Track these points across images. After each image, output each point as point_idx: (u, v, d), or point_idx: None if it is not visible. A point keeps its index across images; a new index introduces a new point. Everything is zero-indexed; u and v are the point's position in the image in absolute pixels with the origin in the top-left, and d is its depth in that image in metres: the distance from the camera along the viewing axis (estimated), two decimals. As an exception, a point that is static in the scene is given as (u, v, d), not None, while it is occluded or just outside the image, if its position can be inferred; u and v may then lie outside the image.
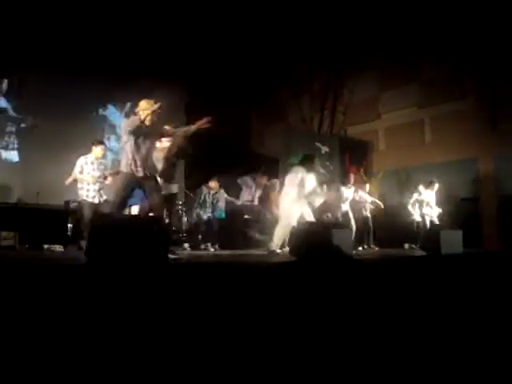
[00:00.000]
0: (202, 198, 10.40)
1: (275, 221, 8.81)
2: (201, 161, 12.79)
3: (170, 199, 6.53)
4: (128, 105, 13.27)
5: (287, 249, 8.00)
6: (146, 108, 6.15)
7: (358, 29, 14.07)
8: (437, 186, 11.56)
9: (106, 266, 4.24)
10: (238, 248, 10.22)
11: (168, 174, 7.32)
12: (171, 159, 7.56)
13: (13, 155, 12.29)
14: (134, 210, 7.66)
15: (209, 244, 10.24)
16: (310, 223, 7.49)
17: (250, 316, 2.82)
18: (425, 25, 12.87)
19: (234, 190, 11.00)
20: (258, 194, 10.97)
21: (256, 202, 10.93)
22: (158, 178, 6.59)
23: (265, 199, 10.65)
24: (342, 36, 14.50)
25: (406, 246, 11.27)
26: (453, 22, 12.36)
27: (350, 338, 2.29)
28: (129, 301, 3.02)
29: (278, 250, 8.08)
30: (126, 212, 7.10)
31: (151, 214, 6.40)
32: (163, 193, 6.51)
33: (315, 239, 5.55)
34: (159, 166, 7.05)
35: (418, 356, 1.79)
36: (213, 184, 10.45)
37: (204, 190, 10.46)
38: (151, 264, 4.37)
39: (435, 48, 12.96)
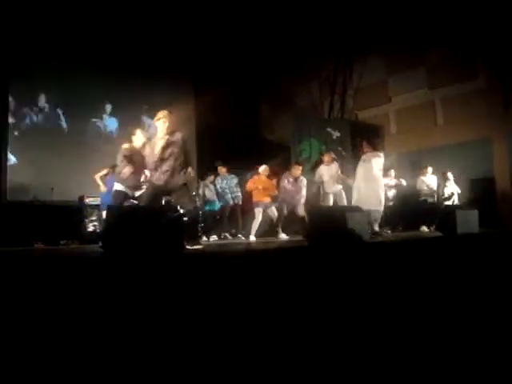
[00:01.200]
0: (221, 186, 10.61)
1: None
2: (211, 151, 12.80)
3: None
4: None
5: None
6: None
7: (365, 13, 13.95)
8: (430, 169, 11.63)
9: (121, 257, 4.27)
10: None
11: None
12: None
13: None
14: None
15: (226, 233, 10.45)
16: (324, 207, 7.49)
17: (263, 303, 2.81)
18: (434, 5, 12.72)
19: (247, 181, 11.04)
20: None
21: None
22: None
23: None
24: (350, 20, 14.39)
25: (425, 228, 11.11)
26: (462, 2, 12.20)
27: (364, 320, 2.28)
28: (143, 292, 3.03)
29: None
30: None
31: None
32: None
33: (330, 223, 5.55)
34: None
35: (435, 340, 1.77)
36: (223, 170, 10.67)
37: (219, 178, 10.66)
38: (166, 254, 4.39)
39: (444, 29, 12.81)
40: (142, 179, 7.08)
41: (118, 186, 7.03)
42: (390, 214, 11.14)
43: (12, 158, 11.86)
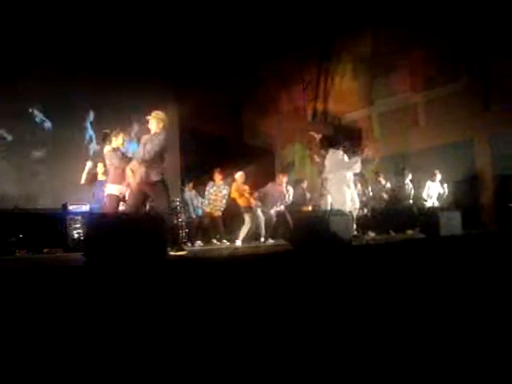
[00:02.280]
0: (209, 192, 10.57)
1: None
2: (195, 157, 12.78)
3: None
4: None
5: None
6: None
7: (347, 15, 14.01)
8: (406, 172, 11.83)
9: (104, 265, 4.24)
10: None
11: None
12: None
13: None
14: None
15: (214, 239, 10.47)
16: (308, 211, 7.50)
17: (248, 308, 2.81)
18: (415, 8, 12.81)
19: (230, 185, 11.00)
20: None
21: None
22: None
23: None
24: (331, 23, 14.44)
25: (411, 231, 11.12)
26: (443, 4, 12.30)
27: (350, 323, 2.28)
28: (127, 299, 3.01)
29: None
30: None
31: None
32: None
33: (313, 227, 5.55)
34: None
35: (419, 342, 1.78)
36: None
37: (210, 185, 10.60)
38: (149, 262, 4.37)
39: (426, 31, 12.90)
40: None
41: (110, 190, 7.00)
42: (377, 217, 11.20)
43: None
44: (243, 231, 9.53)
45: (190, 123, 13.41)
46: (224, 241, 10.62)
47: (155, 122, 6.36)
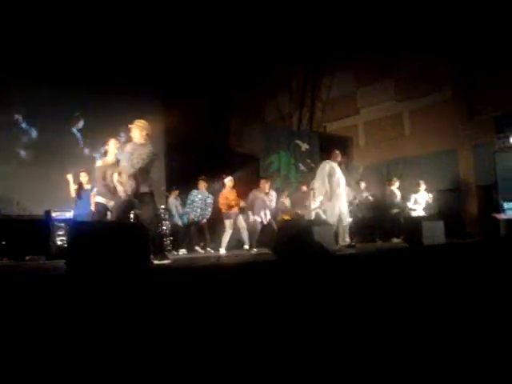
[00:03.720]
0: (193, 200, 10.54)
1: None
2: (181, 164, 12.77)
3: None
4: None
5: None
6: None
7: (332, 26, 14.10)
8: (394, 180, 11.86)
9: (86, 273, 4.21)
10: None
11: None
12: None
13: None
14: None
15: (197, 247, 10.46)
16: (291, 221, 7.52)
17: (232, 317, 2.81)
18: (399, 19, 12.93)
19: (216, 192, 10.98)
20: None
21: None
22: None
23: None
24: (318, 33, 14.53)
25: (396, 240, 11.13)
26: (426, 16, 12.43)
27: (333, 331, 2.29)
28: (109, 308, 2.99)
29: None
30: None
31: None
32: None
33: (296, 236, 5.56)
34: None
35: (402, 348, 1.79)
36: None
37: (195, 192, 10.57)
38: (131, 270, 4.35)
39: (410, 42, 13.02)
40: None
41: (98, 199, 7.04)
42: (361, 226, 11.20)
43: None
44: (225, 238, 9.51)
45: (176, 131, 13.39)
46: (208, 249, 10.61)
47: (138, 130, 6.28)
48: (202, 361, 1.71)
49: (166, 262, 6.05)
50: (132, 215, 7.58)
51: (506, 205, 10.94)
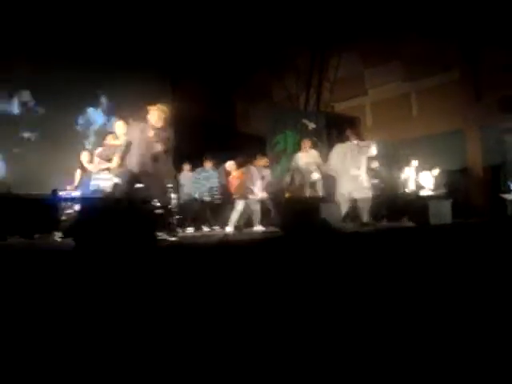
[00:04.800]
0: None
1: None
2: (188, 144, 12.75)
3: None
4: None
5: None
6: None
7: (340, 5, 13.97)
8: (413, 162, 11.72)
9: (93, 250, 4.25)
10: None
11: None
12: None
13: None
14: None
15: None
16: (298, 198, 7.55)
17: (240, 295, 2.82)
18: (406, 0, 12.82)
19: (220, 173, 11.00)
20: None
21: None
22: None
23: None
24: (325, 13, 14.40)
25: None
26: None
27: (337, 310, 2.31)
28: (116, 285, 3.02)
29: None
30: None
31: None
32: None
33: (303, 214, 5.59)
34: None
35: (408, 333, 1.80)
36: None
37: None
38: (138, 247, 4.39)
39: (418, 22, 12.90)
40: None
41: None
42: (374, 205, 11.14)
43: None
44: (233, 217, 9.52)
45: (183, 112, 13.38)
46: (214, 227, 10.63)
47: (157, 114, 6.39)
48: (208, 340, 1.73)
49: (173, 239, 6.11)
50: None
51: (513, 185, 10.92)
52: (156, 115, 6.38)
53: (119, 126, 7.28)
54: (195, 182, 10.64)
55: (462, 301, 2.41)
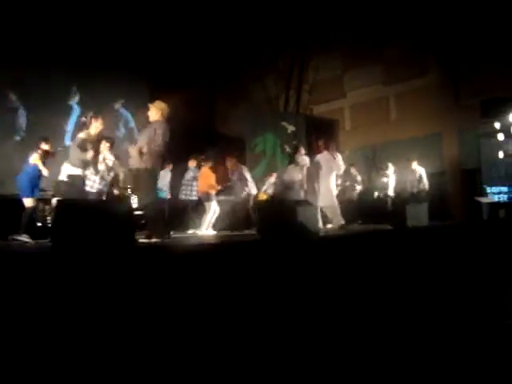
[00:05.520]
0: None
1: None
2: (167, 145, 12.68)
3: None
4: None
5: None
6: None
7: (321, 8, 14.03)
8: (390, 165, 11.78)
9: (71, 251, 4.21)
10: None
11: None
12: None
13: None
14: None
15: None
16: (276, 201, 7.57)
17: (217, 296, 2.84)
18: (387, 4, 12.91)
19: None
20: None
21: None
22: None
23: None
24: (306, 15, 14.45)
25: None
26: (414, 1, 12.43)
27: (313, 311, 2.33)
28: (94, 285, 3.01)
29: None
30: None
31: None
32: None
33: (281, 217, 5.60)
34: None
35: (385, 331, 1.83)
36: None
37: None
38: (117, 248, 4.35)
39: (397, 26, 13.03)
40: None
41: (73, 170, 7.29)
42: (351, 209, 11.20)
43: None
44: (210, 219, 9.50)
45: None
46: (193, 230, 10.53)
47: (154, 110, 6.60)
48: (186, 339, 1.74)
49: (154, 240, 6.08)
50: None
51: (488, 189, 11.06)
52: (154, 112, 6.62)
53: (96, 121, 7.33)
54: (184, 184, 10.68)
55: (438, 300, 2.45)
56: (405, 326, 1.88)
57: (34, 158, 8.29)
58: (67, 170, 7.30)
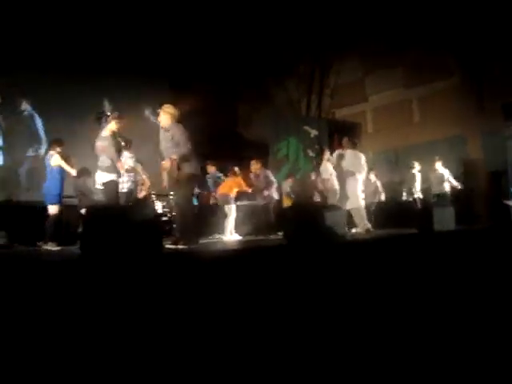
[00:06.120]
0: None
1: None
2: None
3: None
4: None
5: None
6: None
7: (342, 12, 14.01)
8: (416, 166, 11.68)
9: (100, 258, 4.24)
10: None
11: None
12: None
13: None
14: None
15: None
16: (303, 205, 7.56)
17: (244, 303, 2.83)
18: (408, 6, 12.83)
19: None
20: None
21: None
22: None
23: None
24: (327, 20, 14.43)
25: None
26: (435, 3, 12.34)
27: (342, 318, 2.31)
28: (123, 293, 3.02)
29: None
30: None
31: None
32: None
33: (307, 221, 5.58)
34: None
35: (412, 338, 1.81)
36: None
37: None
38: (145, 255, 4.37)
39: (419, 28, 12.94)
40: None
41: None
42: (375, 212, 11.15)
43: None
44: (231, 223, 9.48)
45: (184, 117, 13.36)
46: (218, 235, 10.52)
47: (165, 116, 6.52)
48: (217, 346, 1.73)
49: (181, 246, 6.08)
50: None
51: (516, 192, 10.92)
52: (164, 117, 6.54)
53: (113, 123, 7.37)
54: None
55: (466, 305, 2.41)
56: (435, 331, 1.86)
57: (56, 160, 8.31)
58: (101, 178, 7.24)
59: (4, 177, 11.35)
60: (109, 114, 7.60)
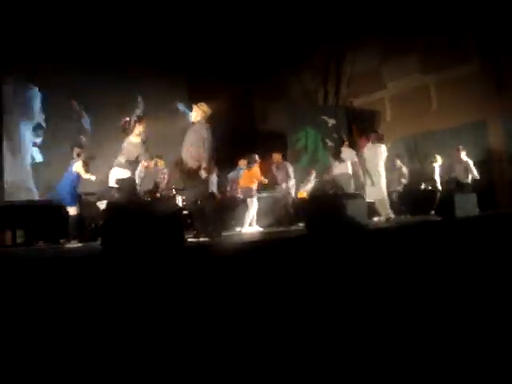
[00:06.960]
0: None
1: None
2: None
3: None
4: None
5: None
6: None
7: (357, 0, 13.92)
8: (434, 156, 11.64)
9: (121, 253, 4.26)
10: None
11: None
12: None
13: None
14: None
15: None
16: (324, 195, 7.55)
17: (265, 295, 2.82)
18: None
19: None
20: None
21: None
22: None
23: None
24: (341, 7, 14.33)
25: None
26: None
27: (364, 307, 2.30)
28: (145, 288, 3.03)
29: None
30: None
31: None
32: None
33: (329, 211, 5.56)
34: None
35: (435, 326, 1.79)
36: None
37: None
38: (166, 249, 4.38)
39: (436, 13, 12.78)
40: None
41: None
42: (397, 199, 11.11)
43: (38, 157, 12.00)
44: (252, 215, 9.53)
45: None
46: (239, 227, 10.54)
47: (197, 112, 6.72)
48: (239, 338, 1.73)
49: (202, 239, 6.14)
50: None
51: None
52: (195, 113, 6.74)
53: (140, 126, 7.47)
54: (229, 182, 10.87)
55: (494, 293, 2.38)
56: (465, 321, 1.83)
57: (78, 166, 8.41)
58: (116, 174, 7.34)
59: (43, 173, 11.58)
60: (135, 118, 7.70)
